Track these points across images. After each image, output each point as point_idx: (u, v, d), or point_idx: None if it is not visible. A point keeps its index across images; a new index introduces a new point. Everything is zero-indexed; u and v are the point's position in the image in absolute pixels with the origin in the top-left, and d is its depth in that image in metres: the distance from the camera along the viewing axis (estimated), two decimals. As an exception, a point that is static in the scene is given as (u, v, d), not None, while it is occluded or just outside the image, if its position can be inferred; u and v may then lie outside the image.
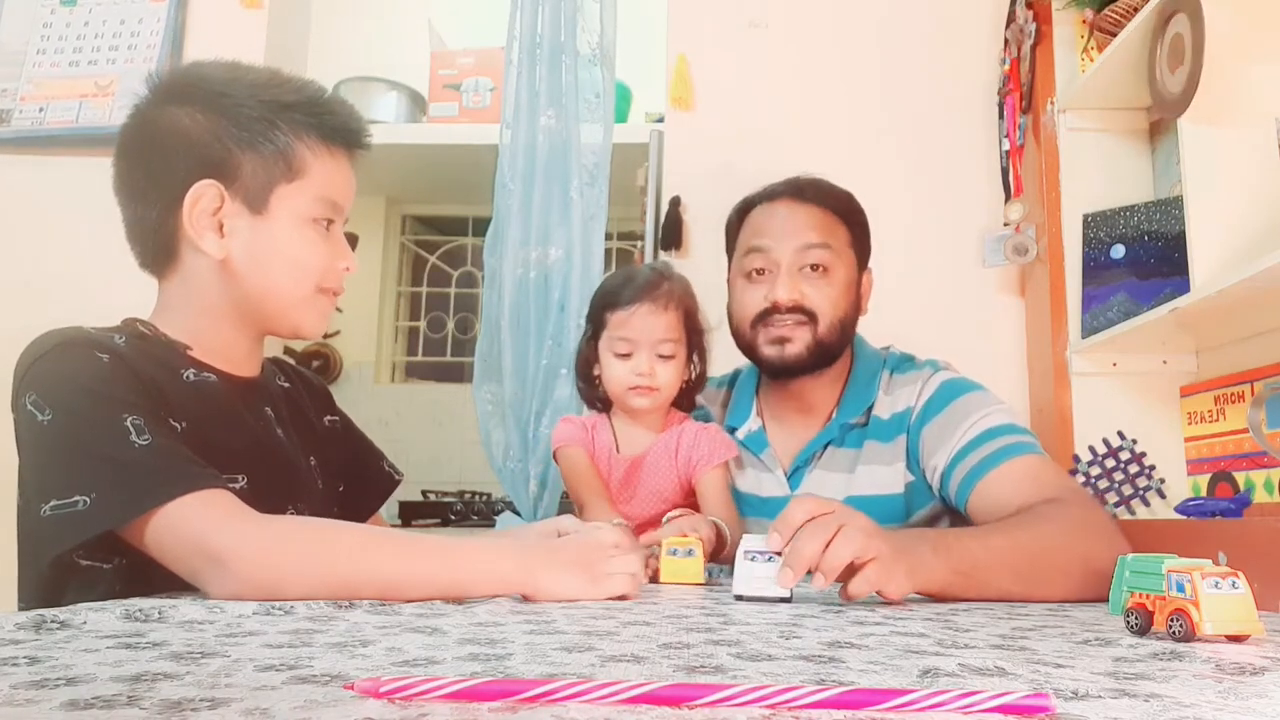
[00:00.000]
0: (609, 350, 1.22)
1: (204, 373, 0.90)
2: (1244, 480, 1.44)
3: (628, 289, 1.21)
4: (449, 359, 3.36)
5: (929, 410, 1.18)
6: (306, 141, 0.90)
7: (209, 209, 0.87)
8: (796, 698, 0.36)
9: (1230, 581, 0.59)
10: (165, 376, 0.85)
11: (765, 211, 1.26)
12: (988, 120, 1.91)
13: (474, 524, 2.47)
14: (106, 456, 0.74)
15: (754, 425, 1.29)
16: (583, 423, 1.28)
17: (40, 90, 2.04)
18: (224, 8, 2.05)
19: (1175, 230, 1.58)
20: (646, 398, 1.21)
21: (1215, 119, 1.37)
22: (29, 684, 0.38)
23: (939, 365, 1.25)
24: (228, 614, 0.62)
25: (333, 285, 0.94)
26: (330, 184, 0.92)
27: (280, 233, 0.89)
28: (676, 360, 1.22)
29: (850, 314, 1.24)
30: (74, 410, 0.77)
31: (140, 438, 0.75)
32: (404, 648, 0.50)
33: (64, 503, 0.72)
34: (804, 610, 0.74)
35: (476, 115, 2.73)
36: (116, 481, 0.73)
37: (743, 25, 1.99)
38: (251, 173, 0.88)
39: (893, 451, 1.19)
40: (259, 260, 0.89)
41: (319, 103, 0.93)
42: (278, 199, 0.89)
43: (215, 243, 0.88)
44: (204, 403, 0.87)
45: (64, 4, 2.09)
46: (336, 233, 0.95)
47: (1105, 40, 1.64)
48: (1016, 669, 0.47)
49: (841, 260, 1.23)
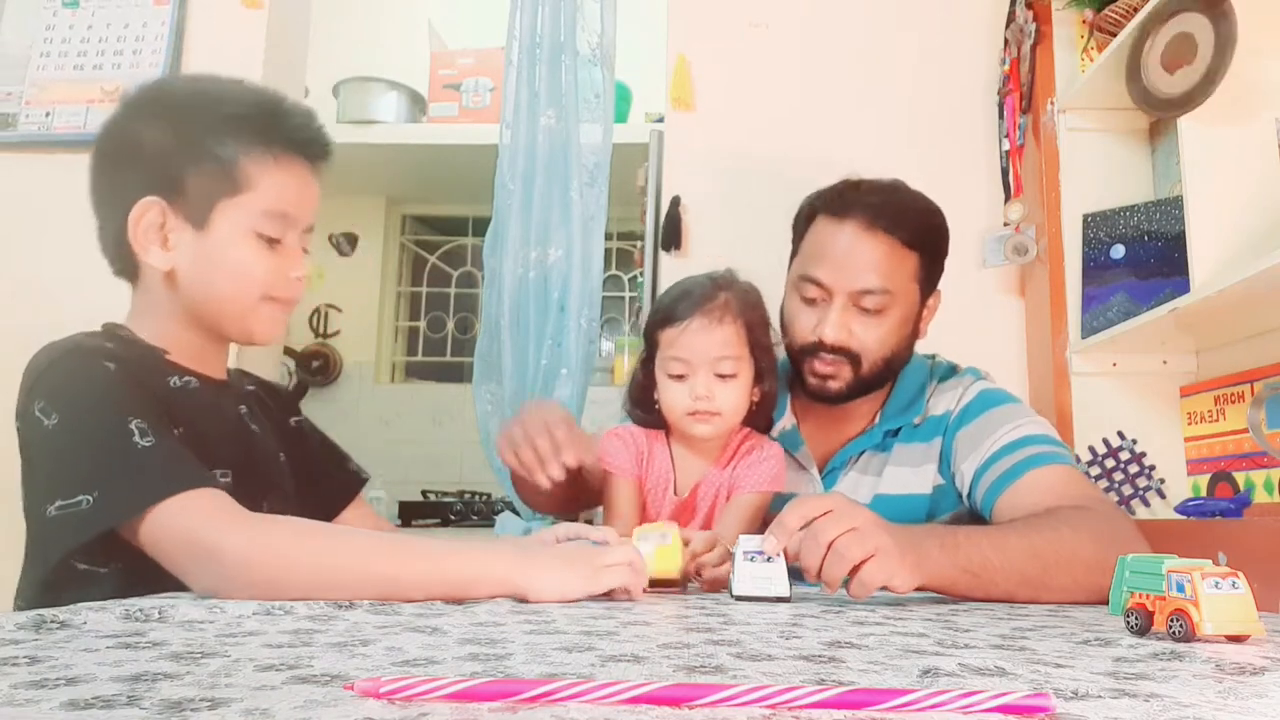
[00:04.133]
0: (663, 372, 1.10)
1: (186, 376, 0.93)
2: (1244, 480, 1.44)
3: (681, 304, 1.09)
4: (449, 359, 3.36)
5: (965, 416, 1.17)
6: (251, 154, 0.91)
7: (154, 224, 0.90)
8: (796, 698, 0.36)
9: (1230, 581, 0.59)
10: (157, 382, 0.88)
11: (831, 231, 1.17)
12: (988, 120, 1.91)
13: (474, 524, 2.47)
14: (110, 456, 0.76)
15: (788, 424, 1.26)
16: (636, 445, 1.13)
17: (44, 94, 2.03)
18: (224, 8, 2.04)
19: (1175, 230, 1.58)
20: (708, 424, 1.08)
21: (1215, 119, 1.37)
22: (29, 684, 0.38)
23: (980, 374, 1.24)
24: (228, 614, 0.62)
25: (281, 294, 0.95)
26: (280, 197, 0.93)
27: (221, 247, 0.91)
28: (740, 380, 1.08)
29: (901, 347, 1.19)
30: (81, 414, 0.79)
31: (144, 439, 0.77)
32: (404, 648, 0.50)
33: (68, 502, 0.74)
34: (804, 610, 0.74)
35: (476, 115, 2.73)
36: (119, 480, 0.75)
37: (743, 25, 1.99)
38: (194, 188, 0.90)
39: (926, 454, 1.18)
40: (201, 273, 0.92)
41: (271, 115, 0.94)
42: (219, 213, 0.91)
43: (160, 256, 0.91)
44: (192, 406, 0.90)
45: (66, 6, 2.08)
46: (290, 243, 0.95)
47: (1105, 40, 1.65)
48: (1016, 669, 0.47)
49: (901, 299, 1.16)
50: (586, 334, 1.73)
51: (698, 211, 1.91)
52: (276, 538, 0.74)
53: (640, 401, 1.15)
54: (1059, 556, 0.92)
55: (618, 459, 1.12)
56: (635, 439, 1.13)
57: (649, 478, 1.13)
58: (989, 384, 1.22)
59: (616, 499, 1.11)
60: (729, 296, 1.10)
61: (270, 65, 2.03)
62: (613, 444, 1.13)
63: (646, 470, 1.13)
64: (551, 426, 1.10)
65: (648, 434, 1.14)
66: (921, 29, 1.97)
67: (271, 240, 0.93)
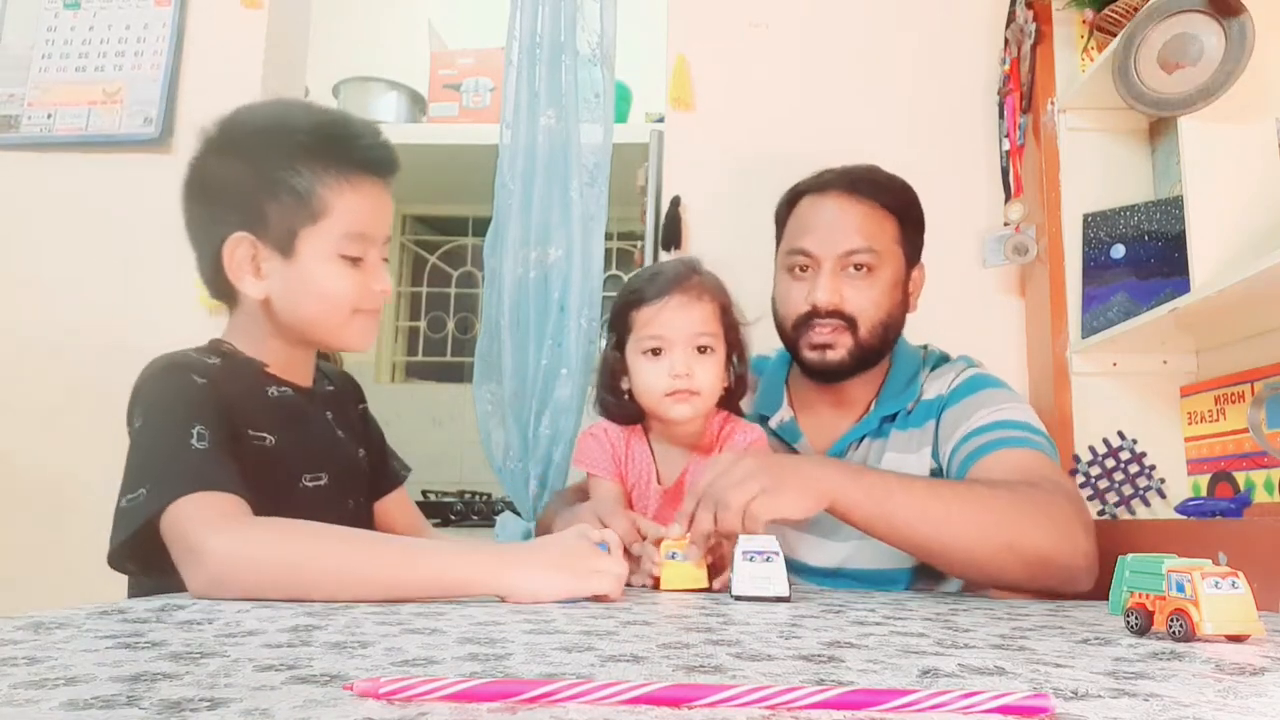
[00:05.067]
0: (638, 353, 1.08)
1: (282, 388, 1.00)
2: (1244, 480, 1.44)
3: (655, 282, 1.09)
4: (449, 359, 3.36)
5: (954, 397, 1.18)
6: (326, 181, 0.95)
7: (246, 257, 0.96)
8: (797, 698, 0.36)
9: (1230, 581, 0.59)
10: (254, 394, 0.96)
11: (813, 205, 1.22)
12: (988, 120, 1.91)
13: (474, 524, 2.47)
14: (166, 454, 0.82)
15: (786, 415, 1.27)
16: (611, 444, 1.12)
17: (47, 95, 2.03)
18: (224, 8, 2.04)
19: (1175, 230, 1.58)
20: (687, 403, 1.06)
21: (1215, 119, 1.37)
22: (29, 684, 0.38)
23: (972, 362, 1.26)
24: (227, 614, 0.62)
25: (368, 306, 1.00)
26: (355, 219, 0.97)
27: (308, 272, 0.96)
28: (716, 357, 1.08)
29: (895, 313, 1.22)
30: (158, 419, 0.86)
31: (200, 442, 0.82)
32: (403, 648, 0.50)
33: (133, 495, 0.80)
34: (804, 610, 0.74)
35: (476, 115, 2.73)
36: (166, 475, 0.80)
37: (743, 25, 1.99)
38: (276, 219, 0.95)
39: (920, 438, 1.19)
40: (293, 298, 0.97)
41: (340, 139, 0.98)
42: (303, 241, 0.95)
43: (254, 285, 0.97)
44: (288, 415, 0.98)
45: (67, 7, 2.08)
46: (371, 259, 1.00)
47: (1105, 40, 1.64)
48: (1016, 669, 0.47)
49: (887, 260, 1.19)
50: (586, 334, 1.73)
51: (698, 211, 1.91)
52: (258, 541, 0.76)
53: (611, 388, 1.13)
54: (963, 501, 0.93)
55: (593, 459, 1.12)
56: (610, 436, 1.13)
57: (630, 473, 1.12)
58: (980, 370, 1.24)
59: (605, 500, 1.10)
60: (703, 278, 1.11)
61: (270, 65, 2.03)
62: (588, 445, 1.13)
63: (626, 466, 1.12)
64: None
65: (625, 430, 1.14)
66: (921, 29, 1.97)
67: (354, 259, 0.98)
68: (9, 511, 1.87)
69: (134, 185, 1.94)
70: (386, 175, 1.02)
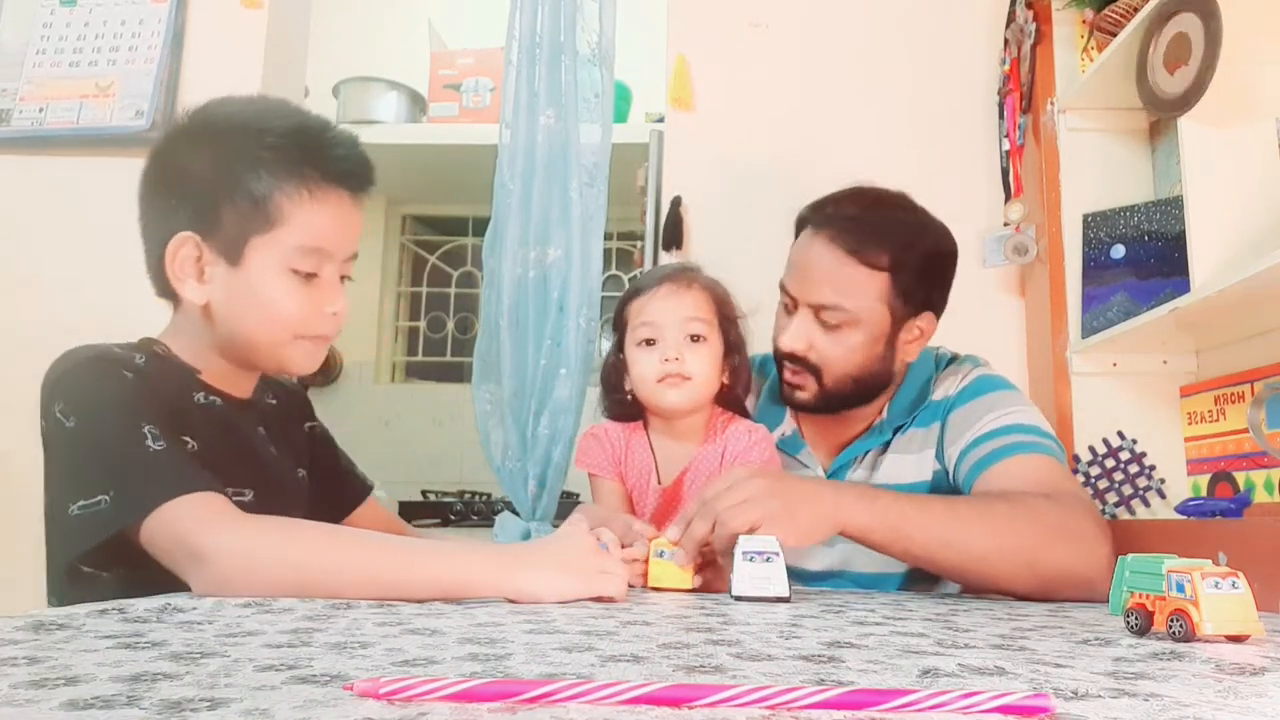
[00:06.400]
0: (633, 345, 1.09)
1: (211, 395, 0.94)
2: (1244, 480, 1.44)
3: (649, 277, 1.13)
4: (449, 359, 3.36)
5: (960, 398, 1.17)
6: (285, 188, 0.89)
7: (189, 258, 0.90)
8: (797, 698, 0.36)
9: (1230, 581, 0.59)
10: (180, 397, 0.90)
11: (806, 241, 1.17)
12: (988, 120, 1.91)
13: (474, 524, 2.47)
14: (125, 458, 0.79)
15: (788, 429, 1.24)
16: (611, 444, 1.12)
17: (40, 90, 2.03)
18: (224, 7, 2.04)
19: (1175, 230, 1.58)
20: (678, 389, 1.06)
21: (1215, 119, 1.37)
22: (29, 684, 0.38)
23: (979, 361, 1.25)
24: (227, 614, 0.62)
25: (315, 332, 0.93)
26: (312, 232, 0.90)
27: (253, 283, 0.90)
28: (710, 346, 1.08)
29: (873, 367, 1.15)
30: (98, 418, 0.81)
31: (156, 443, 0.79)
32: (403, 648, 0.50)
33: (89, 502, 0.77)
34: (804, 610, 0.74)
35: (476, 115, 2.73)
36: (134, 480, 0.77)
37: (743, 25, 1.99)
38: (229, 222, 0.89)
39: (925, 440, 1.17)
40: (234, 309, 0.91)
41: (307, 145, 0.91)
42: (252, 250, 0.89)
43: (195, 290, 0.91)
44: (213, 424, 0.91)
45: (64, 4, 2.08)
46: (327, 277, 0.93)
47: (1105, 40, 1.65)
48: (1016, 669, 0.47)
49: (865, 318, 1.12)
50: (586, 334, 1.73)
51: (698, 211, 1.91)
52: (263, 540, 0.75)
53: (614, 386, 1.13)
54: (983, 523, 0.92)
55: (592, 459, 1.12)
56: (610, 435, 1.13)
57: (629, 472, 1.12)
58: (987, 370, 1.22)
59: (601, 499, 1.12)
60: (695, 273, 1.13)
61: (270, 65, 2.03)
62: (588, 445, 1.14)
63: (626, 465, 1.12)
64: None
65: (626, 427, 1.14)
66: (921, 29, 1.97)
67: (307, 275, 0.91)
68: (9, 511, 1.87)
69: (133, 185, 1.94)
70: (357, 189, 0.94)
